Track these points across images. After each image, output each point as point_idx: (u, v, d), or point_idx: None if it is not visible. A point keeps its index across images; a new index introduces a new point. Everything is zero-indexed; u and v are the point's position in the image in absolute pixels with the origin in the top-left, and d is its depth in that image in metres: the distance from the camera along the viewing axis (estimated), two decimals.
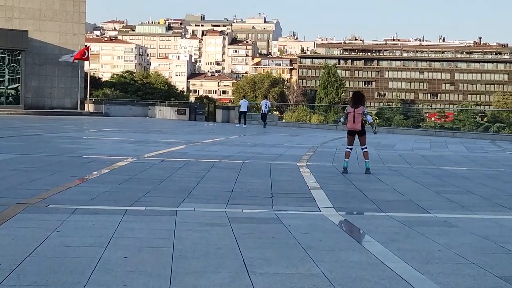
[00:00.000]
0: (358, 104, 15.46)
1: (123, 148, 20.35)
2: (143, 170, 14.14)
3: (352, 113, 15.41)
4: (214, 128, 41.37)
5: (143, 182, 12.01)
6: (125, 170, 14.12)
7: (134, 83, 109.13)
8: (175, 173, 13.73)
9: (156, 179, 12.48)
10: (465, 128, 72.52)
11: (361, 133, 15.60)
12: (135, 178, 12.57)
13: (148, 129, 35.77)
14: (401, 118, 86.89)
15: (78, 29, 60.24)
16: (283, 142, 27.08)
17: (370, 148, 23.60)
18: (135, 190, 10.87)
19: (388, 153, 22.19)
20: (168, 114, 56.27)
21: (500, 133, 39.81)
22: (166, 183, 12.08)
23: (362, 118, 15.43)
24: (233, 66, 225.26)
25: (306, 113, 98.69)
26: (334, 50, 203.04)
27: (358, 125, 15.39)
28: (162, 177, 12.93)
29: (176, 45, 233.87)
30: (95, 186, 11.23)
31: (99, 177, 12.65)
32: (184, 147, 21.96)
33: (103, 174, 13.15)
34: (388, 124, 65.27)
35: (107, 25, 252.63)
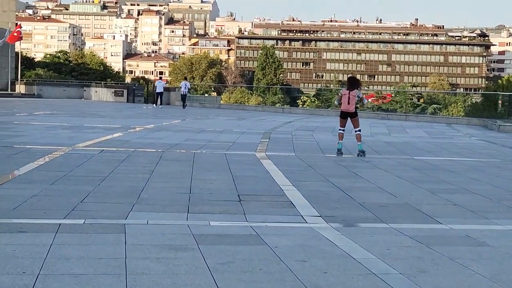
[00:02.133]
0: (353, 87, 15.75)
1: (57, 136, 18.09)
2: (80, 164, 12.00)
3: (347, 95, 15.66)
4: (155, 111, 39.08)
5: (81, 181, 9.92)
6: (58, 164, 11.96)
7: (68, 64, 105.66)
8: (118, 168, 11.64)
9: (96, 177, 10.39)
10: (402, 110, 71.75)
11: (353, 115, 15.82)
12: (71, 176, 10.46)
13: (84, 112, 33.34)
14: None
15: (8, 5, 57.00)
16: (231, 127, 25.10)
17: (327, 135, 21.99)
18: (71, 193, 8.78)
19: (351, 140, 20.38)
20: (105, 95, 53.64)
21: (456, 116, 38.52)
22: (108, 181, 10.00)
23: (356, 100, 15.76)
24: (170, 46, 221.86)
25: (245, 94, 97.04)
26: (272, 31, 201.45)
27: (352, 107, 15.66)
28: (103, 173, 10.84)
29: (111, 25, 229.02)
30: (20, 188, 9.09)
31: (27, 175, 10.47)
32: (125, 134, 19.79)
33: (31, 170, 10.97)
34: (327, 106, 63.96)
35: (40, 4, 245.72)
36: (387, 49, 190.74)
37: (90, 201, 8.31)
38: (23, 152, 13.70)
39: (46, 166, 11.66)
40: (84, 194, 8.79)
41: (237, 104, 54.65)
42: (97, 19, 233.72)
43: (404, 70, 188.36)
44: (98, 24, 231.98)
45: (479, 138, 23.15)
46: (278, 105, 58.22)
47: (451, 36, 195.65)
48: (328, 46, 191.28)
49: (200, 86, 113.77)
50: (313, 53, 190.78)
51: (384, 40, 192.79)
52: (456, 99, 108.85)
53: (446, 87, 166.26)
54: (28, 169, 11.13)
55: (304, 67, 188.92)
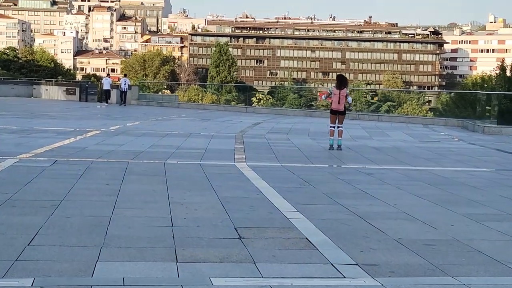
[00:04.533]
0: (342, 86, 16.63)
1: (2, 142, 15.73)
2: (27, 181, 9.75)
3: (338, 95, 16.58)
4: (110, 110, 36.62)
5: (28, 209, 7.69)
6: (0, 182, 9.68)
7: (17, 60, 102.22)
8: (75, 186, 9.42)
9: (48, 201, 8.17)
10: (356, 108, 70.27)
11: (342, 113, 16.85)
12: (16, 200, 8.21)
13: (33, 112, 30.77)
14: (294, 97, 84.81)
15: None
16: (197, 129, 22.92)
17: (304, 138, 19.88)
18: (15, 230, 6.57)
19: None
20: (56, 94, 50.84)
21: (432, 117, 36.75)
22: (64, 208, 7.79)
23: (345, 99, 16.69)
24: (121, 43, 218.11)
25: (198, 92, 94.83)
26: (225, 28, 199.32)
27: (342, 106, 16.70)
28: (57, 195, 8.62)
29: (61, 21, 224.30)
30: None
31: None
32: (80, 139, 17.48)
33: None
34: (281, 104, 62.30)
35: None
36: (341, 46, 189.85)
37: (41, 243, 6.10)
38: None
39: None
40: (32, 230, 6.58)
41: (198, 104, 52.33)
42: (47, 15, 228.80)
43: (358, 67, 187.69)
44: (48, 20, 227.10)
45: (468, 141, 21.28)
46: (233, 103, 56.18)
47: (405, 34, 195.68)
48: (282, 44, 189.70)
49: (153, 84, 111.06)
50: (267, 51, 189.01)
51: (338, 38, 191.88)
52: (410, 97, 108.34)
53: (400, 85, 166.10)
54: None
55: (258, 65, 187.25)
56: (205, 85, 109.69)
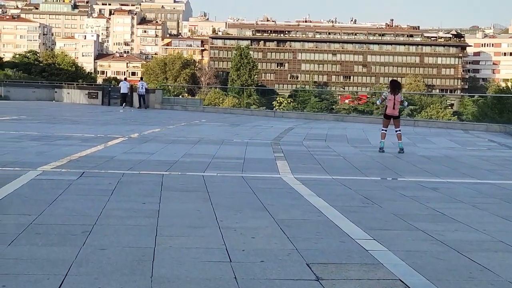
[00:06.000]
0: (396, 90, 17.07)
1: (23, 150, 14.49)
2: (53, 198, 8.49)
3: (393, 100, 17.03)
4: (134, 115, 35.46)
5: (56, 238, 6.41)
6: (22, 200, 8.43)
7: (38, 64, 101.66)
8: (107, 206, 8.15)
9: (78, 226, 6.90)
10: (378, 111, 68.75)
11: (396, 117, 17.29)
12: (40, 225, 6.94)
13: (55, 117, 29.61)
14: (316, 101, 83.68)
15: None
16: (229, 136, 21.65)
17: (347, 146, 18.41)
18: (40, 269, 5.30)
19: (374, 152, 17.00)
20: (78, 97, 49.78)
21: (472, 122, 35.22)
22: (98, 237, 6.50)
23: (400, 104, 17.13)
24: (142, 46, 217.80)
25: (219, 95, 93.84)
26: (246, 31, 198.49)
27: (396, 111, 17.19)
28: (87, 218, 7.35)
29: (82, 25, 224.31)
30: None
31: None
32: (107, 147, 16.25)
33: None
34: (303, 107, 61.01)
35: (9, 3, 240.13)
36: (362, 49, 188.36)
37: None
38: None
39: (3, 204, 8.11)
40: (61, 269, 5.31)
41: (224, 108, 51.06)
42: (68, 19, 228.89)
43: (379, 71, 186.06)
44: (69, 24, 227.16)
45: None
46: (254, 107, 54.97)
47: (427, 37, 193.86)
48: (303, 47, 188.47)
49: (174, 87, 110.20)
50: (288, 54, 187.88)
51: (360, 41, 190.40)
52: (433, 101, 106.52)
53: (422, 88, 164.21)
54: None
55: (279, 68, 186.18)
56: (226, 89, 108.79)
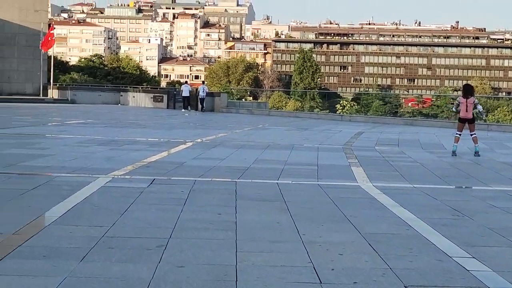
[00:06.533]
0: (468, 95, 17.01)
1: (91, 156, 14.20)
2: (124, 208, 8.07)
3: (465, 103, 16.91)
4: (200, 119, 35.20)
5: (130, 252, 5.97)
6: (92, 209, 8.04)
7: (103, 68, 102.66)
8: (181, 217, 7.69)
9: (152, 239, 6.46)
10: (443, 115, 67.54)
11: (471, 121, 17.15)
12: (113, 239, 6.51)
13: (122, 121, 29.50)
14: (380, 104, 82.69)
15: (40, 4, 53.51)
16: (298, 140, 21.12)
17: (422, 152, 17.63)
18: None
19: (453, 158, 16.26)
20: (143, 101, 49.86)
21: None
22: (174, 253, 6.04)
23: (473, 107, 16.99)
24: (205, 50, 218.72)
25: (282, 98, 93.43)
26: (309, 34, 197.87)
27: (470, 114, 16.99)
28: (161, 230, 6.91)
29: (146, 29, 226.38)
30: (25, 274, 5.14)
31: (42, 238, 6.50)
32: (176, 151, 15.88)
33: (50, 227, 7.02)
34: (366, 110, 60.07)
35: (75, 8, 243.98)
36: (427, 52, 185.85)
37: None
38: (45, 185, 9.82)
39: (74, 214, 7.73)
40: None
41: (289, 112, 50.56)
42: (132, 23, 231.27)
43: (444, 73, 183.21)
44: (133, 28, 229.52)
45: None
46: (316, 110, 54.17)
47: (493, 39, 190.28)
48: (366, 50, 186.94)
49: (237, 90, 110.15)
50: (351, 57, 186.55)
51: (424, 43, 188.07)
52: (500, 104, 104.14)
53: (488, 91, 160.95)
54: (46, 221, 7.23)
55: (342, 71, 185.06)
56: (288, 92, 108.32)
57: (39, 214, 7.58)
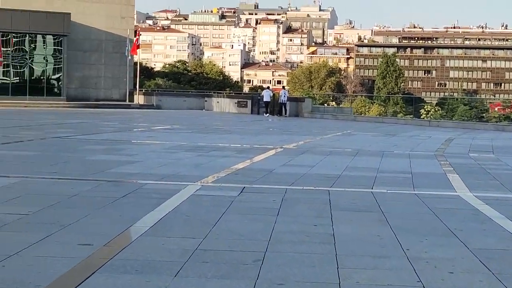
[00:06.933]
0: None
1: (179, 162, 14.02)
2: (215, 219, 7.77)
3: None
4: (285, 124, 34.91)
5: (225, 268, 5.65)
6: (183, 220, 7.76)
7: (187, 73, 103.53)
8: (276, 229, 7.33)
9: (248, 253, 6.13)
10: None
11: None
12: (206, 251, 6.19)
13: (207, 126, 29.45)
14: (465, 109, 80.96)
15: (126, 11, 54.27)
16: (387, 146, 20.58)
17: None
18: None
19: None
20: (227, 106, 49.92)
21: None
22: (272, 268, 5.68)
23: None
24: (287, 55, 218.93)
25: (365, 103, 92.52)
26: (392, 38, 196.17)
27: None
28: (256, 244, 6.57)
29: (229, 34, 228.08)
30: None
31: (133, 250, 6.23)
32: (263, 158, 15.58)
33: (141, 238, 6.75)
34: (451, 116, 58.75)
35: (160, 15, 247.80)
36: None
37: None
38: (134, 192, 9.62)
39: (165, 224, 7.46)
40: None
41: (375, 117, 49.87)
42: (216, 29, 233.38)
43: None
44: (216, 34, 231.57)
45: None
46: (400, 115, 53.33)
47: None
48: (451, 54, 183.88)
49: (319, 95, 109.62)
50: (436, 61, 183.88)
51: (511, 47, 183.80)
52: None
53: None
54: (137, 232, 6.97)
55: (426, 75, 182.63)
56: (371, 97, 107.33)
57: (130, 224, 7.34)
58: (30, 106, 45.28)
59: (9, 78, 49.82)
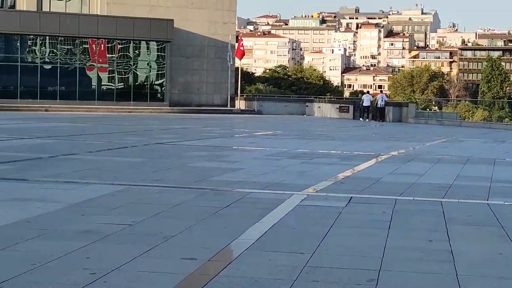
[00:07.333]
0: None
1: (283, 170, 13.69)
2: (323, 233, 7.37)
3: None
4: (388, 130, 34.19)
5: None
6: (289, 235, 7.38)
7: (287, 78, 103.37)
8: (389, 244, 6.89)
9: (361, 271, 5.71)
10: None
11: None
12: (316, 269, 5.81)
13: (309, 132, 29.08)
14: None
15: (228, 17, 54.52)
16: (498, 154, 19.75)
17: None
18: None
19: None
20: (329, 111, 49.42)
21: None
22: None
23: None
24: (389, 59, 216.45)
25: (469, 108, 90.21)
26: (497, 41, 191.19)
27: None
28: (367, 261, 6.15)
29: (329, 39, 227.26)
30: None
31: (240, 267, 5.93)
32: (369, 166, 15.08)
33: (246, 253, 6.41)
34: None
35: (260, 20, 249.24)
36: None
37: None
38: (237, 202, 9.33)
39: (271, 237, 7.11)
40: None
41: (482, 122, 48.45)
42: (316, 34, 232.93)
43: None
44: (316, 39, 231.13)
45: None
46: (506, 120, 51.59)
47: None
48: None
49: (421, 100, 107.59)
50: None
51: None
52: None
53: None
54: (243, 246, 6.64)
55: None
56: (475, 101, 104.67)
57: (235, 236, 7.03)
58: (133, 111, 46.02)
59: (113, 84, 50.77)
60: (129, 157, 15.72)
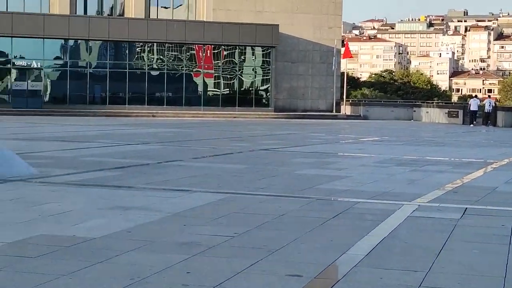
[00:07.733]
0: None
1: (391, 178, 13.16)
2: (438, 247, 6.88)
3: None
4: (502, 136, 32.98)
5: None
6: (400, 250, 6.91)
7: (393, 83, 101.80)
8: (511, 264, 6.35)
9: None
10: None
11: None
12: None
13: (417, 138, 28.29)
14: None
15: (334, 21, 53.97)
16: None
17: None
18: None
19: None
20: (437, 117, 48.22)
21: None
22: None
23: None
24: (499, 63, 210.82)
25: None
26: None
27: None
28: (490, 282, 5.64)
29: (437, 42, 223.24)
30: None
31: (348, 284, 5.53)
32: (482, 174, 14.37)
33: (355, 269, 6.01)
34: None
35: (366, 24, 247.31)
36: None
37: None
38: (344, 213, 8.90)
39: (381, 252, 6.67)
40: None
41: None
42: (423, 37, 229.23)
43: None
44: (423, 42, 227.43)
45: None
46: None
47: None
48: None
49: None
50: None
51: None
52: None
53: None
54: (351, 262, 6.22)
55: None
56: None
57: (342, 251, 6.62)
58: (239, 117, 46.13)
59: (219, 89, 51.05)
60: (234, 164, 15.50)
